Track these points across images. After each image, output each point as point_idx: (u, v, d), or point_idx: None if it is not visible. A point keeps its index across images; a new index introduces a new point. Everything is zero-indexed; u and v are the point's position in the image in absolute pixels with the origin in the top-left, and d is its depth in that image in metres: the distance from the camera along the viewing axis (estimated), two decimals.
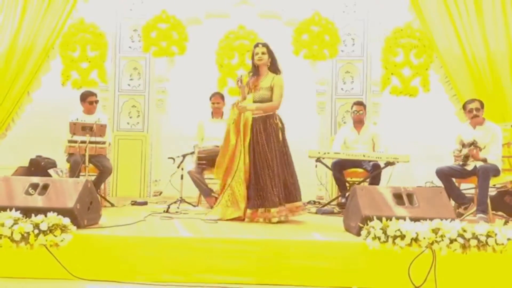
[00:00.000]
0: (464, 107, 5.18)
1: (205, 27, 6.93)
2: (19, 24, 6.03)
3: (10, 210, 3.46)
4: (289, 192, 4.45)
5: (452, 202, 4.97)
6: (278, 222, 4.30)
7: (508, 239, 3.26)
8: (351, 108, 5.92)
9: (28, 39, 6.08)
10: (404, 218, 3.42)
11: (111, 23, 6.80)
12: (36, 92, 6.36)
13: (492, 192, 5.29)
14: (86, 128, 5.05)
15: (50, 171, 6.21)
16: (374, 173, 5.33)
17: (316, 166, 5.42)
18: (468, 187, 5.22)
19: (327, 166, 5.65)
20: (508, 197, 5.18)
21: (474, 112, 4.98)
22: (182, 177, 5.48)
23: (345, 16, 6.81)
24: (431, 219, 3.41)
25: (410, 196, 3.69)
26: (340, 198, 5.58)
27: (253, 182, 4.40)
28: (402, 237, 3.27)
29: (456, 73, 5.81)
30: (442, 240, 3.25)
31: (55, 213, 3.42)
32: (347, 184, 5.57)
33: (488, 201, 4.75)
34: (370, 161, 5.38)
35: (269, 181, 4.35)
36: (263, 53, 4.59)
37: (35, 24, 6.08)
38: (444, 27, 5.82)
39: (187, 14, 6.77)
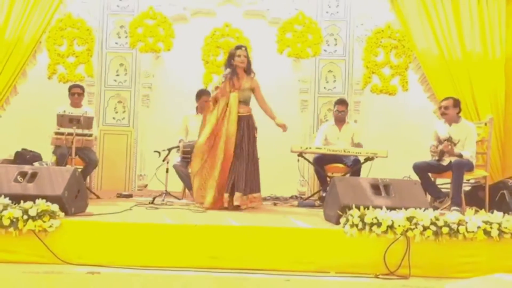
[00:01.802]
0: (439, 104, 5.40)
1: (191, 25, 7.08)
2: (6, 18, 6.03)
3: None
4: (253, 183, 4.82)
5: (429, 197, 5.17)
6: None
7: (478, 227, 3.45)
8: (334, 107, 6.05)
9: (15, 33, 6.08)
10: (381, 207, 3.59)
11: (98, 18, 6.89)
12: (22, 86, 6.39)
13: (466, 187, 5.51)
14: (73, 120, 5.13)
15: (36, 164, 6.23)
16: (354, 168, 5.49)
17: (298, 160, 5.57)
18: (444, 182, 5.42)
19: (308, 161, 5.81)
20: (482, 192, 5.36)
21: (443, 110, 5.21)
22: (167, 170, 5.56)
23: (328, 16, 6.99)
24: (406, 208, 3.58)
25: (386, 187, 3.87)
26: (321, 192, 5.72)
27: (236, 171, 4.71)
28: (379, 224, 3.44)
29: (434, 73, 5.98)
30: (416, 227, 3.42)
31: (44, 200, 3.52)
32: (328, 179, 5.71)
33: (462, 195, 4.96)
34: (350, 156, 5.54)
35: (246, 171, 4.73)
36: (245, 56, 4.86)
37: (22, 18, 6.08)
38: (422, 28, 5.99)
39: (173, 12, 6.91)
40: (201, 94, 6.06)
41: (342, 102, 5.97)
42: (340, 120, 5.96)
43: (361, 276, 3.35)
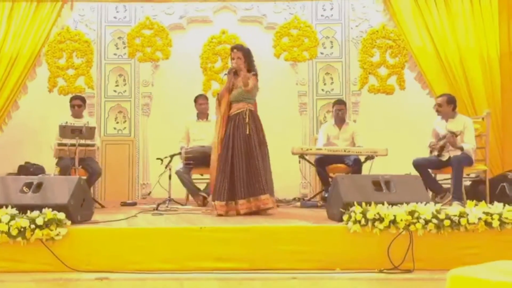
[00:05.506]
0: None
1: (188, 33, 7.19)
2: (5, 31, 6.10)
3: (6, 207, 3.59)
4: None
5: (430, 193, 5.22)
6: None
7: (479, 219, 3.49)
8: (332, 108, 6.11)
9: (15, 46, 6.15)
10: (383, 203, 3.63)
11: (96, 30, 6.98)
12: (22, 99, 6.44)
13: (467, 182, 5.55)
14: (76, 131, 5.17)
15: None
16: (355, 168, 5.53)
17: (299, 162, 5.63)
18: (444, 178, 5.46)
19: (310, 163, 5.85)
20: (482, 186, 5.41)
21: (437, 107, 5.31)
22: (170, 177, 5.61)
23: (323, 19, 7.07)
24: (407, 203, 3.62)
25: (388, 183, 3.92)
26: (323, 192, 5.77)
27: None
28: (381, 220, 3.48)
29: (430, 71, 6.03)
30: (418, 221, 3.46)
31: (50, 209, 3.56)
32: (330, 180, 5.75)
33: (463, 189, 5.01)
34: (351, 156, 5.58)
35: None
36: (238, 58, 4.76)
37: (21, 31, 6.14)
38: (417, 27, 6.05)
39: (170, 21, 7.01)
40: (197, 99, 6.15)
41: (340, 102, 6.08)
42: (340, 120, 6.01)
43: (366, 272, 3.39)
